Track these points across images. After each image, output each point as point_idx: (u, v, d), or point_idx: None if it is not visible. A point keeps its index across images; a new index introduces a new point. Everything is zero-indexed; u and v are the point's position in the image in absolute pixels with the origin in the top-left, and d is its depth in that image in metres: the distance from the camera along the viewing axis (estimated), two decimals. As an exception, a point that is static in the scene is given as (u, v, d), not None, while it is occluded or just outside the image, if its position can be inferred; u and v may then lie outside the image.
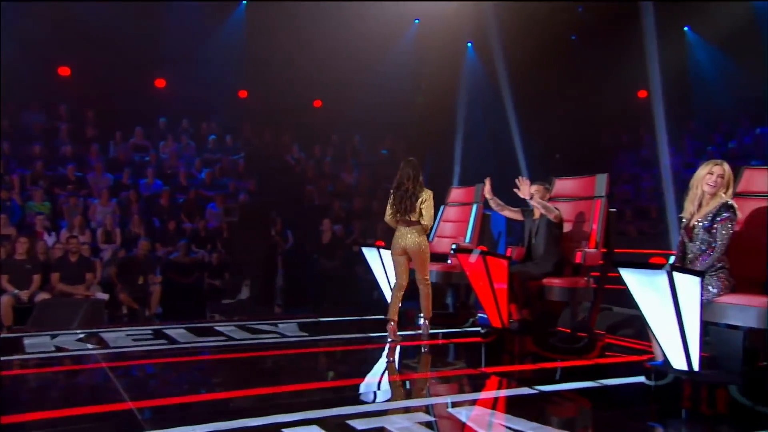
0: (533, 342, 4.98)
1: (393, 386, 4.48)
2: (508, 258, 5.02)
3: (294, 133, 12.24)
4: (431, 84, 12.35)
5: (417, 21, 12.26)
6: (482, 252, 4.96)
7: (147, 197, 9.89)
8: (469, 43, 12.69)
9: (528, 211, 5.36)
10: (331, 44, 11.27)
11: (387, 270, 6.44)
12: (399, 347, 5.54)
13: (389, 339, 5.44)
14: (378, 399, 4.05)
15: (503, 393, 4.27)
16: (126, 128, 11.01)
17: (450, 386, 4.47)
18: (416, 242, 5.40)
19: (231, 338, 5.64)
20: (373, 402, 3.96)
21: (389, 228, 5.70)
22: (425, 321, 5.71)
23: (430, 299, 5.61)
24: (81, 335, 5.77)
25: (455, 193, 7.07)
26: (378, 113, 11.89)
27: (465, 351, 5.50)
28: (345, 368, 4.86)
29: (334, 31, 11.26)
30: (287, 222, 9.79)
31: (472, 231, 6.49)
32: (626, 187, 10.92)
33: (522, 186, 5.05)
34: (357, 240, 9.38)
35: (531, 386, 4.10)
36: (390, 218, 5.49)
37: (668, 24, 10.14)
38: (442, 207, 6.96)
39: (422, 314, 5.77)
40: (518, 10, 10.81)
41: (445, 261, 6.37)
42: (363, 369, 4.77)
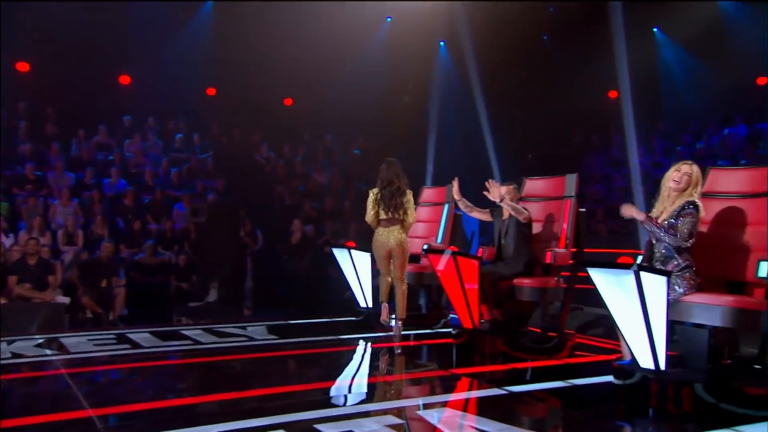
0: (504, 342, 5.03)
1: (363, 389, 4.47)
2: (479, 258, 5.06)
3: (264, 132, 12.13)
4: (404, 83, 12.37)
5: (389, 19, 12.27)
6: (453, 252, 4.99)
7: (111, 197, 9.71)
8: (442, 42, 12.75)
9: (497, 212, 5.41)
10: (303, 41, 11.21)
11: (358, 271, 6.44)
12: (371, 349, 5.56)
13: (382, 319, 5.62)
14: (348, 402, 4.05)
15: (474, 394, 4.30)
16: (89, 126, 10.78)
17: (421, 388, 4.48)
18: (400, 241, 5.58)
19: (197, 342, 5.57)
20: (343, 405, 3.95)
21: (362, 228, 5.74)
22: (398, 322, 5.74)
23: (406, 299, 5.72)
24: (40, 341, 5.63)
25: (427, 193, 7.10)
26: (350, 112, 11.86)
27: (436, 352, 5.53)
28: (315, 371, 4.83)
29: (306, 28, 11.20)
30: (257, 222, 9.71)
31: (444, 231, 6.53)
32: (598, 187, 11.09)
33: (492, 189, 5.10)
34: (328, 241, 9.35)
35: (502, 387, 4.14)
36: (372, 218, 5.62)
37: (638, 25, 10.32)
38: (414, 207, 6.97)
39: (395, 315, 5.80)
40: (490, 10, 10.89)
41: (418, 261, 6.39)
42: (333, 372, 4.74)
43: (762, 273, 3.60)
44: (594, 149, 12.21)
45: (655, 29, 11.70)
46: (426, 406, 3.80)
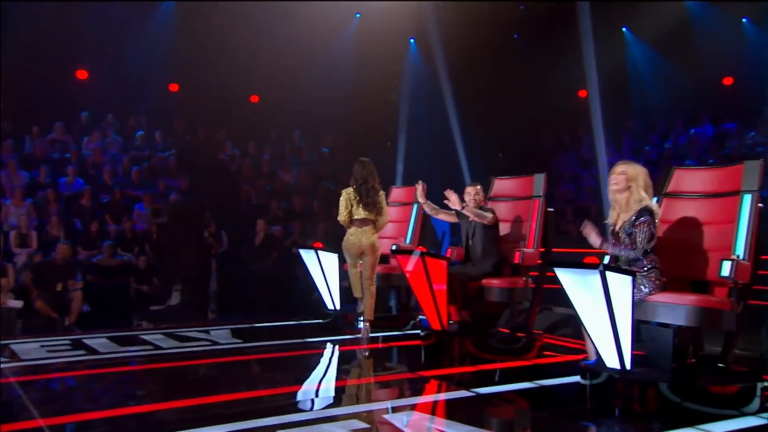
0: (473, 343, 5.07)
1: (329, 393, 4.47)
2: (447, 259, 5.10)
3: (229, 130, 11.99)
4: (373, 80, 12.36)
5: (358, 15, 12.26)
6: (422, 253, 5.02)
7: (67, 197, 9.48)
8: (412, 39, 12.79)
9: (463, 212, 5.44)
10: (270, 36, 11.10)
11: (326, 272, 6.41)
12: (338, 352, 5.55)
13: (359, 311, 5.82)
14: (313, 407, 4.03)
15: (442, 397, 4.34)
16: (44, 122, 10.49)
17: (389, 391, 4.49)
18: (372, 241, 5.73)
19: (157, 347, 5.48)
20: (310, 410, 3.93)
21: (330, 229, 5.77)
22: (366, 324, 5.76)
23: (374, 300, 5.82)
24: (-11, 347, 5.47)
25: (396, 193, 7.12)
26: (318, 109, 11.80)
27: (405, 354, 5.54)
28: (280, 375, 4.80)
29: (273, 24, 11.10)
30: (222, 223, 9.59)
31: (413, 231, 6.56)
32: (568, 187, 11.26)
33: (450, 197, 5.16)
34: (296, 241, 9.30)
35: (470, 389, 4.18)
36: (345, 218, 5.74)
37: (607, 24, 10.49)
38: (385, 207, 6.99)
39: (362, 317, 5.81)
40: (460, 7, 10.97)
41: (387, 262, 6.41)
42: (299, 376, 4.72)
43: (724, 272, 3.71)
44: (564, 149, 12.39)
45: (624, 29, 11.92)
46: (394, 410, 3.82)
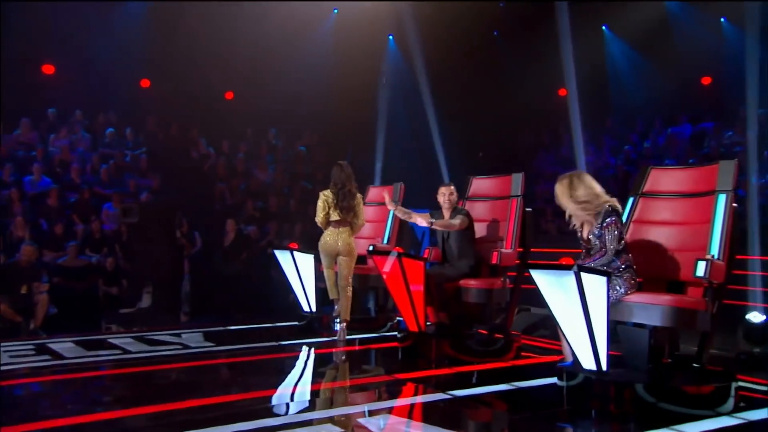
0: (450, 345, 5.11)
1: (305, 397, 4.46)
2: (425, 259, 5.13)
3: (203, 127, 11.86)
4: (351, 77, 12.35)
5: (336, 11, 12.24)
6: (398, 254, 5.04)
7: (32, 196, 9.30)
8: (390, 36, 12.80)
9: (436, 213, 5.43)
10: (245, 32, 11.02)
11: (301, 274, 6.40)
12: (314, 355, 5.55)
13: (334, 315, 5.98)
14: (288, 411, 4.03)
15: (419, 399, 4.35)
16: (8, 119, 10.28)
17: (365, 394, 4.50)
18: (348, 243, 5.85)
19: (126, 351, 5.42)
20: (285, 414, 3.93)
21: (307, 229, 5.78)
22: (342, 326, 5.77)
23: (350, 302, 5.88)
24: (-52, 353, 5.36)
25: (374, 192, 7.12)
26: (295, 106, 11.76)
27: (382, 357, 5.56)
28: (254, 379, 4.78)
29: (248, 18, 11.02)
30: (195, 223, 9.50)
31: (390, 232, 6.57)
32: (547, 186, 11.37)
33: (419, 218, 5.22)
34: (272, 242, 9.26)
35: (447, 392, 4.20)
36: (323, 219, 5.86)
37: (586, 23, 10.62)
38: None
39: (338, 319, 5.81)
40: (439, 4, 11.01)
41: (364, 263, 6.41)
42: (273, 379, 4.70)
43: (699, 272, 3.78)
44: (544, 147, 12.51)
45: (604, 27, 12.08)
46: (371, 413, 3.83)
